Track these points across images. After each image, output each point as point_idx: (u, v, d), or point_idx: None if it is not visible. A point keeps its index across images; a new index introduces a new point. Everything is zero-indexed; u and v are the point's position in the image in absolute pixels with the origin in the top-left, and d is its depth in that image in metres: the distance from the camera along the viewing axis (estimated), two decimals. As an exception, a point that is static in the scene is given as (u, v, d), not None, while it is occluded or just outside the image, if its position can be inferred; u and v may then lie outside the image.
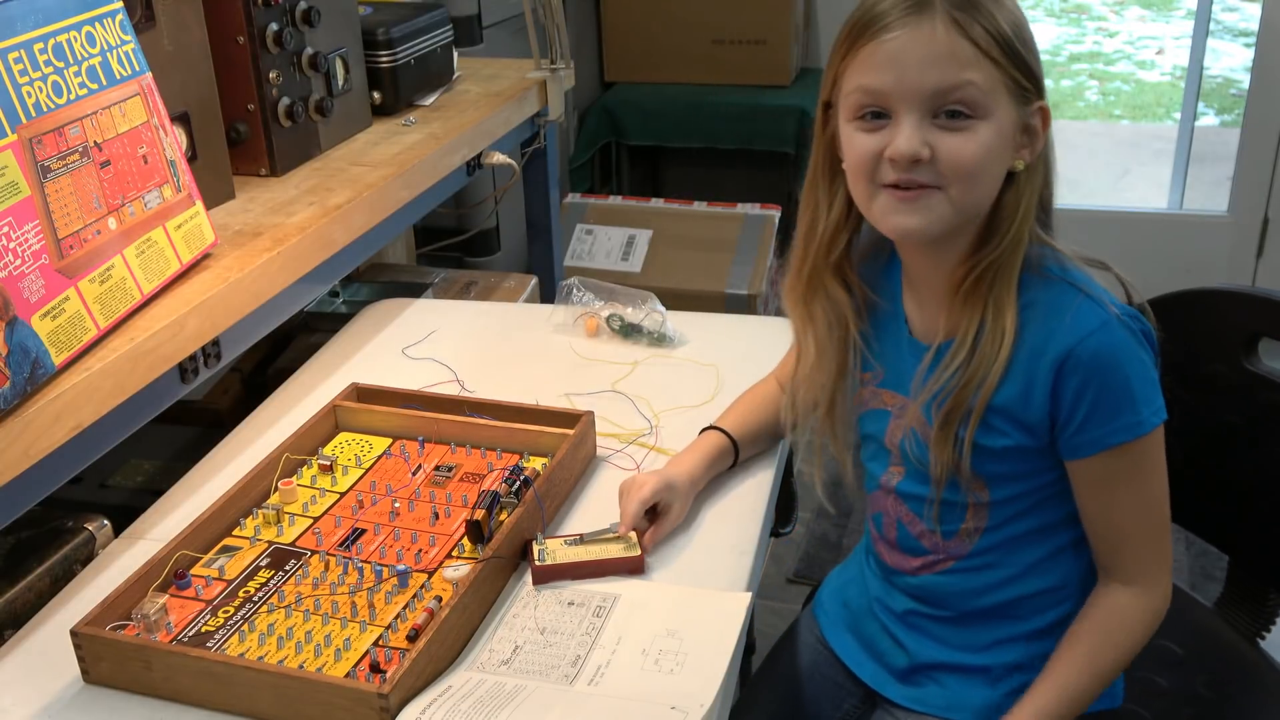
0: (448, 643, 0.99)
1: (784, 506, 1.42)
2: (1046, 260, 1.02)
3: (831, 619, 1.25)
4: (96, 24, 1.17)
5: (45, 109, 1.08)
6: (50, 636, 1.05)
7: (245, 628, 1.01)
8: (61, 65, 1.11)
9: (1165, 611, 1.06)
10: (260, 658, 0.97)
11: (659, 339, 1.53)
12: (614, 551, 1.10)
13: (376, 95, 1.80)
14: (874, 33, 0.97)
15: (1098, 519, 1.05)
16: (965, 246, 1.03)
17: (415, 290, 1.96)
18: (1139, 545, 1.05)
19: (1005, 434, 1.03)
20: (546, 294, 2.12)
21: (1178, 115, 3.72)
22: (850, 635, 1.23)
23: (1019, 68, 0.97)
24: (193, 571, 1.08)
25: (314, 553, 1.11)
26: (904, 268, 1.11)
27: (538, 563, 1.09)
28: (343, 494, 1.20)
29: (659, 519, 1.14)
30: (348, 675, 0.95)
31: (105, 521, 1.20)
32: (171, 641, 0.99)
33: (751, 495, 1.23)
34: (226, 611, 1.03)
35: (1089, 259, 1.04)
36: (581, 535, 1.12)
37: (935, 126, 0.97)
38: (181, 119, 1.36)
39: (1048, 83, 1.03)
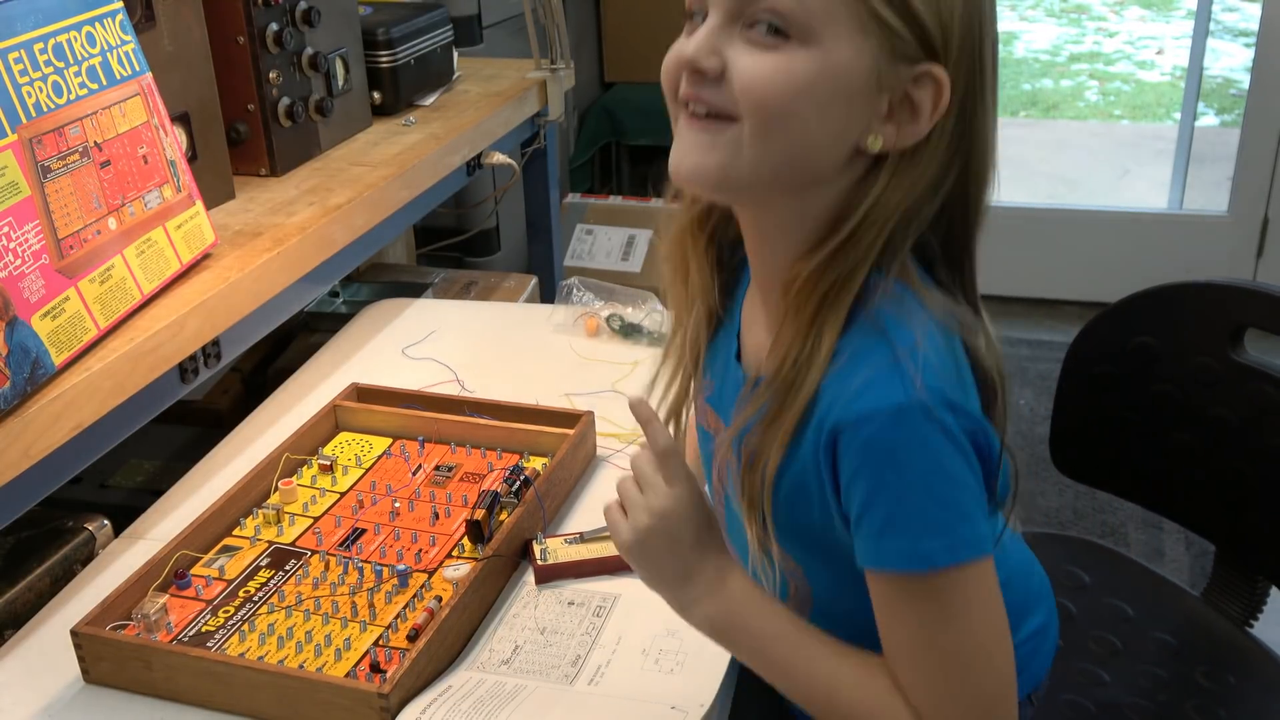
0: (448, 643, 0.99)
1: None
2: (884, 299, 0.76)
3: None
4: (96, 24, 1.17)
5: (45, 109, 1.08)
6: (50, 636, 1.05)
7: (245, 628, 1.01)
8: (61, 65, 1.11)
9: None
10: (260, 658, 0.97)
11: (659, 339, 1.53)
12: (615, 549, 1.10)
13: (376, 95, 1.80)
14: None
15: (885, 642, 0.79)
16: (794, 252, 0.79)
17: (415, 290, 1.96)
18: (926, 690, 0.78)
19: (802, 509, 0.80)
20: (546, 294, 2.12)
21: (1178, 115, 3.72)
22: None
23: (900, 10, 0.72)
24: (193, 571, 1.08)
25: (314, 553, 1.11)
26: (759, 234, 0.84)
27: (540, 562, 1.09)
28: (343, 494, 1.20)
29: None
30: (348, 675, 0.95)
31: (105, 521, 1.20)
32: (171, 641, 0.99)
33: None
34: (226, 611, 1.03)
35: (966, 323, 0.77)
36: (582, 534, 1.12)
37: (741, 39, 0.74)
38: (181, 119, 1.36)
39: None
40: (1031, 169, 4.23)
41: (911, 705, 0.78)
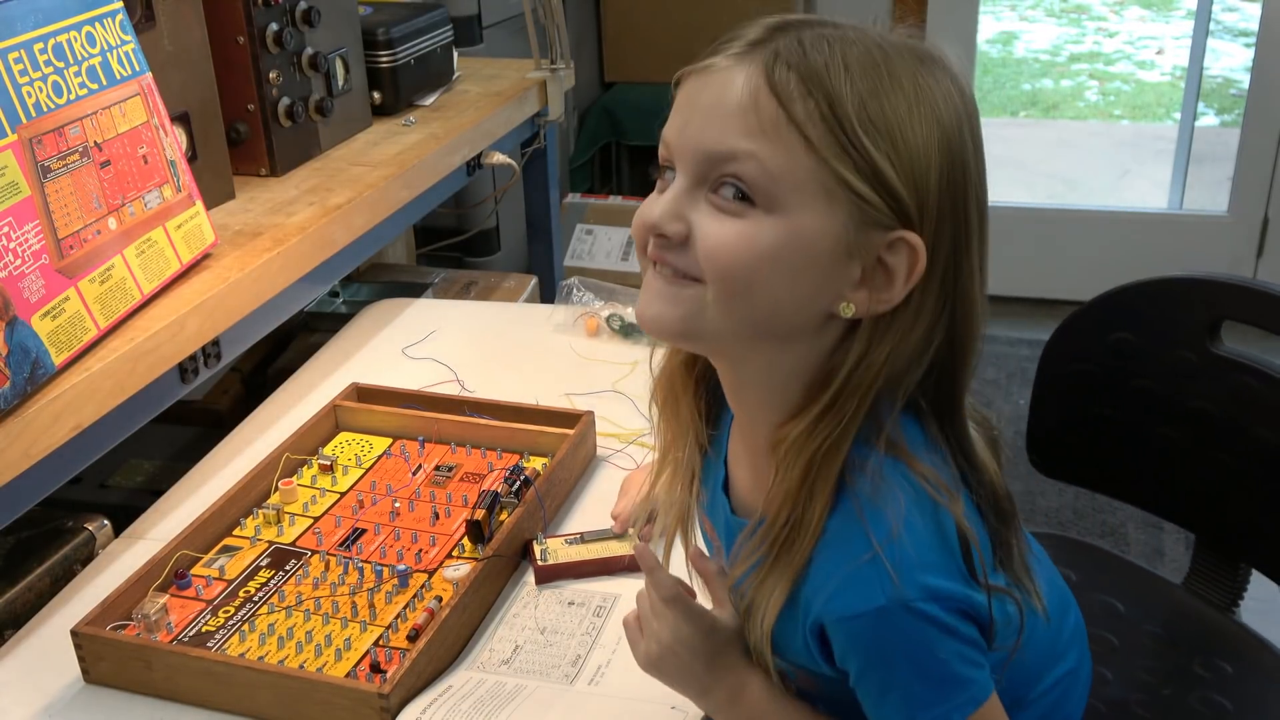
0: (448, 643, 0.99)
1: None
2: (863, 474, 0.74)
3: None
4: (96, 24, 1.17)
5: (45, 109, 1.08)
6: (50, 636, 1.05)
7: (245, 628, 1.01)
8: (61, 65, 1.11)
9: None
10: (260, 658, 0.97)
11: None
12: (616, 549, 1.10)
13: (377, 95, 1.80)
14: (694, 69, 0.74)
15: None
16: (779, 411, 0.77)
17: (415, 290, 1.96)
18: None
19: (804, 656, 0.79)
20: (546, 294, 2.12)
21: (1178, 115, 3.72)
22: None
23: (870, 179, 0.69)
24: (193, 571, 1.08)
25: (314, 553, 1.11)
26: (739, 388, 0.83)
27: (540, 562, 1.09)
28: (343, 494, 1.20)
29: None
30: (348, 675, 0.95)
31: (105, 521, 1.20)
32: (172, 641, 0.99)
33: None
34: (227, 611, 1.03)
35: (950, 490, 0.74)
36: (582, 534, 1.12)
37: (707, 202, 0.72)
38: (181, 119, 1.36)
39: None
40: (1031, 169, 4.23)
41: None
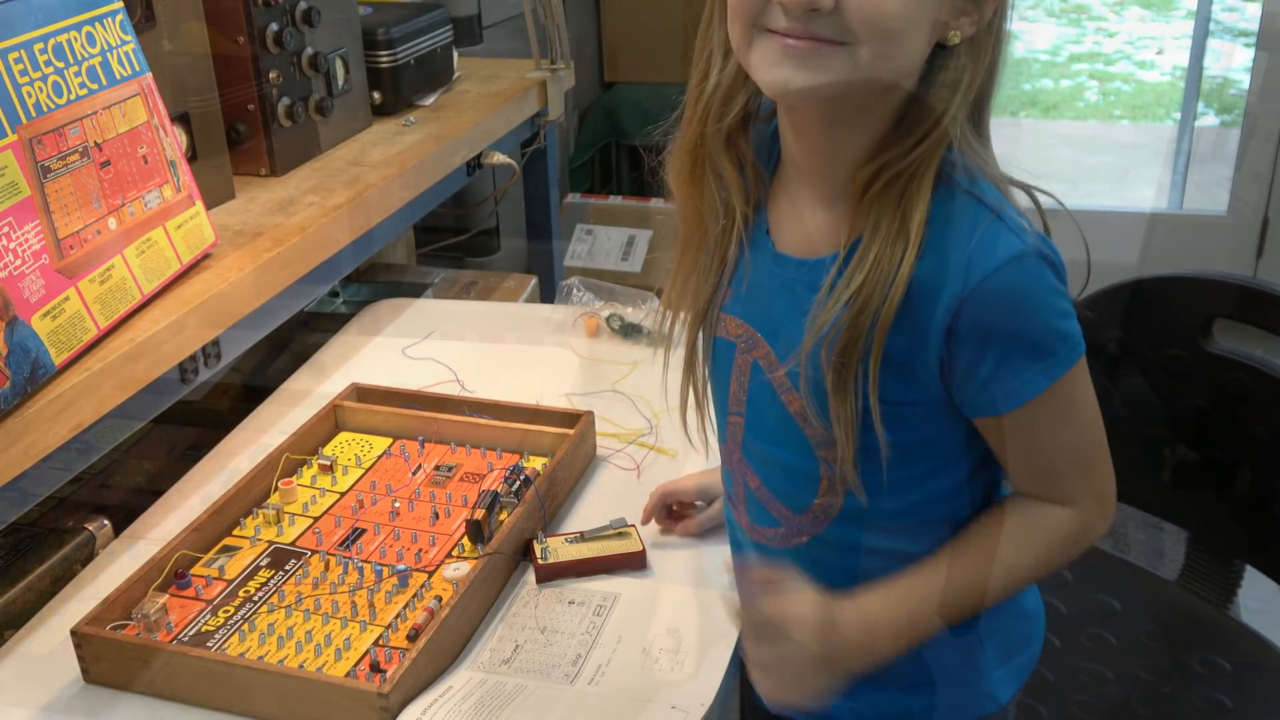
0: (448, 643, 0.99)
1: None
2: (955, 169, 0.80)
3: None
4: (96, 24, 1.16)
5: (45, 109, 1.08)
6: (50, 636, 1.05)
7: (245, 627, 1.01)
8: (61, 65, 1.11)
9: (1100, 534, 0.88)
10: (260, 657, 0.97)
11: (659, 339, 1.53)
12: (616, 548, 1.10)
13: (377, 95, 1.80)
14: None
15: (1020, 466, 0.87)
16: (870, 140, 0.81)
17: (415, 290, 1.96)
18: (1072, 480, 0.87)
19: (894, 387, 0.82)
20: (547, 294, 2.12)
21: (1178, 115, 3.72)
22: None
23: None
24: (193, 571, 1.08)
25: (314, 552, 1.11)
26: (782, 160, 0.88)
27: (541, 561, 1.09)
28: (343, 494, 1.20)
29: (689, 511, 1.14)
30: (348, 675, 0.95)
31: (105, 521, 1.20)
32: (171, 641, 0.99)
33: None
34: (226, 611, 1.03)
35: (1012, 180, 0.85)
36: (582, 533, 1.12)
37: None
38: (181, 119, 1.36)
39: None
40: (1031, 169, 4.22)
41: (1063, 506, 0.86)
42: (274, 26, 1.51)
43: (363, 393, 1.36)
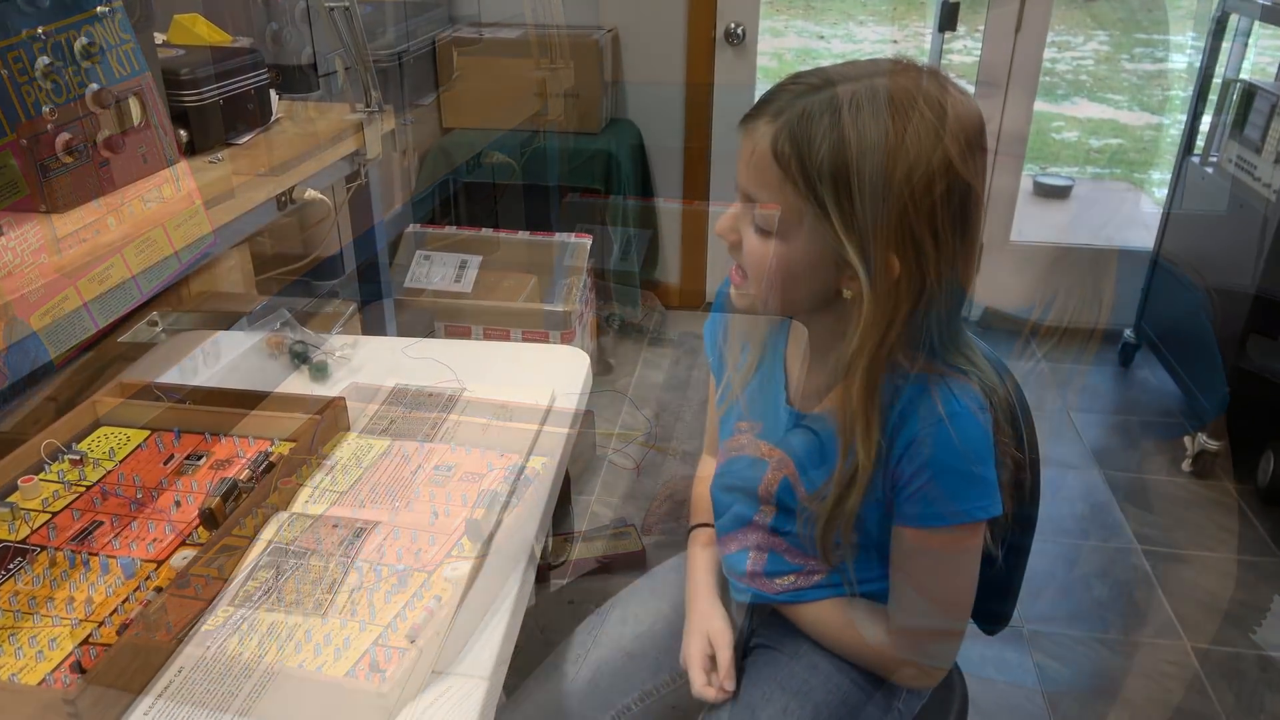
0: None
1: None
2: (912, 386, 0.99)
3: None
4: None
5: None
6: (50, 636, 1.05)
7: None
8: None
9: (914, 680, 1.09)
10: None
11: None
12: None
13: (184, 133, 1.78)
14: (746, 120, 0.97)
15: (901, 582, 1.05)
16: (838, 338, 1.00)
17: (230, 320, 1.93)
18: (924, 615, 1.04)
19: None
20: (373, 323, 2.22)
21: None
22: None
23: (843, 210, 0.92)
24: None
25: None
26: (808, 329, 1.09)
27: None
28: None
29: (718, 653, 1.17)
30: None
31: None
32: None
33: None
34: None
35: (964, 372, 1.01)
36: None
37: (752, 220, 0.97)
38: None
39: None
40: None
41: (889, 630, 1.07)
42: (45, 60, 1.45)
43: (125, 388, 1.32)
